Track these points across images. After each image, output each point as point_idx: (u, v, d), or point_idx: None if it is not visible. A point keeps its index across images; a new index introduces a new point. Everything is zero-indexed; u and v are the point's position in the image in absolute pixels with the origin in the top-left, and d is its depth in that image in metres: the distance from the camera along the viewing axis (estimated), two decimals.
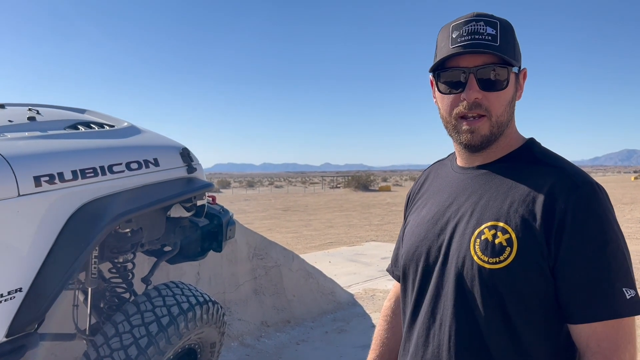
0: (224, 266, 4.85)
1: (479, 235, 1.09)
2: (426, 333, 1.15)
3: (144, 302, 2.54)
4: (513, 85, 1.14)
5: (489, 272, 1.05)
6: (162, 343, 2.43)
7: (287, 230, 15.76)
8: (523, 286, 1.04)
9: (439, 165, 1.36)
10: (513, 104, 1.16)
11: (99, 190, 2.30)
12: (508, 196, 1.10)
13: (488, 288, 1.06)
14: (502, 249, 1.05)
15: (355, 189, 47.43)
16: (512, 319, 1.05)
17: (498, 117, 1.12)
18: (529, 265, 1.03)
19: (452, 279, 1.11)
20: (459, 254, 1.11)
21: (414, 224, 1.27)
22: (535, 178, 1.10)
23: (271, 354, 4.40)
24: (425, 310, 1.17)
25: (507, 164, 1.17)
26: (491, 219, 1.09)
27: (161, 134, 3.02)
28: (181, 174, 2.77)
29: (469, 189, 1.18)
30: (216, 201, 3.37)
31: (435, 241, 1.17)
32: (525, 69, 1.20)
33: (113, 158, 2.42)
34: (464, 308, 1.09)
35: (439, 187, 1.28)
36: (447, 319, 1.11)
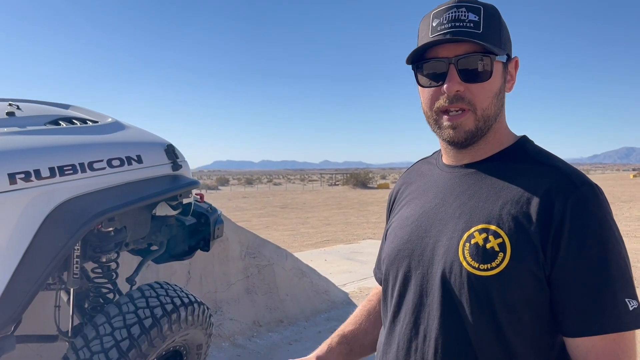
0: (216, 265, 4.77)
1: (469, 239, 0.99)
2: (407, 345, 1.05)
3: (126, 304, 2.46)
4: (500, 76, 1.05)
5: (480, 280, 0.96)
6: (145, 346, 2.36)
7: (285, 227, 15.69)
8: (516, 295, 0.95)
9: (424, 163, 1.27)
10: (501, 96, 1.06)
11: (77, 188, 2.23)
12: (500, 197, 1.01)
13: (478, 297, 0.97)
14: (494, 255, 0.96)
15: (354, 186, 47.38)
16: (505, 331, 0.96)
17: (484, 111, 1.03)
18: (523, 273, 0.95)
19: (437, 287, 1.02)
20: (446, 259, 1.01)
21: (396, 226, 1.18)
22: (530, 178, 1.01)
23: (263, 355, 4.33)
24: (407, 320, 1.07)
25: (499, 162, 1.08)
26: (482, 222, 1.00)
27: (147, 130, 2.94)
28: (166, 171, 2.70)
29: (456, 188, 1.09)
30: (204, 199, 3.29)
31: (419, 244, 1.08)
32: (516, 57, 1.11)
33: (93, 155, 2.34)
34: (451, 319, 1.00)
35: (424, 187, 1.18)
36: (433, 331, 1.01)
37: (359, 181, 48.40)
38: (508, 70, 1.08)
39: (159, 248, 3.02)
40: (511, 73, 1.09)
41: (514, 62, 1.10)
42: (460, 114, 1.03)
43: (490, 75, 1.02)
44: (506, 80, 1.08)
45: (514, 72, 1.10)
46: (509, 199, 1.00)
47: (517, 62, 1.10)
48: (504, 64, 1.06)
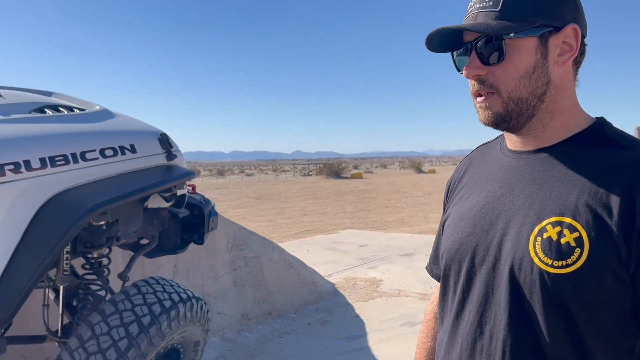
0: (202, 258, 4.65)
1: (541, 233, 0.90)
2: (472, 346, 0.98)
3: (122, 301, 2.34)
4: (531, 52, 0.95)
5: (554, 278, 0.87)
6: (144, 345, 2.24)
7: (261, 219, 15.56)
8: (593, 295, 0.87)
9: (486, 149, 1.17)
10: (539, 74, 0.96)
11: (71, 180, 2.09)
12: (575, 186, 0.91)
13: (551, 297, 0.88)
14: (570, 250, 0.87)
15: (327, 176, 47.40)
16: (581, 333, 0.88)
17: (510, 92, 0.95)
18: (602, 271, 0.85)
19: (505, 284, 0.93)
20: (515, 254, 0.92)
21: (457, 217, 1.08)
22: (610, 165, 0.91)
23: (254, 349, 4.24)
24: (471, 319, 0.99)
25: (573, 147, 0.97)
26: (555, 214, 0.90)
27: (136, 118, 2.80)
28: (160, 161, 2.57)
29: (525, 176, 0.99)
30: (196, 190, 3.16)
31: (484, 238, 0.99)
32: (570, 26, 0.96)
33: (86, 144, 2.20)
34: (521, 319, 0.92)
35: (488, 174, 1.08)
36: (500, 333, 0.94)
37: (333, 171, 48.44)
38: (550, 42, 0.96)
39: (151, 242, 2.89)
40: (569, 44, 0.97)
41: (567, 31, 0.96)
42: (487, 96, 0.98)
43: (502, 56, 0.95)
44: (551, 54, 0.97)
45: (574, 41, 0.97)
46: (586, 189, 0.90)
47: (574, 30, 0.96)
48: (540, 38, 0.95)
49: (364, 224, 13.06)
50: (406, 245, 8.98)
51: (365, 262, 7.44)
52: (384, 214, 15.81)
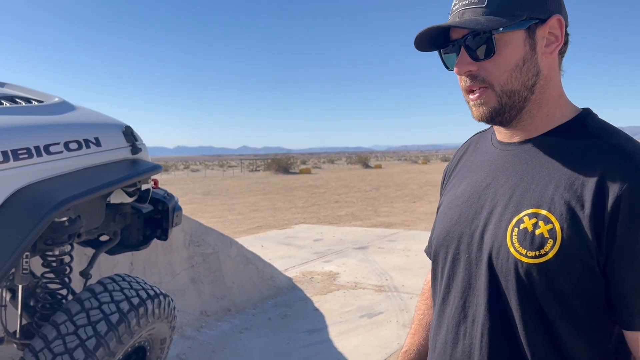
0: (159, 255, 4.55)
1: (518, 224, 0.94)
2: (456, 329, 1.03)
3: (88, 299, 2.26)
4: (520, 45, 0.97)
5: (527, 267, 0.91)
6: (113, 343, 2.18)
7: (211, 215, 15.33)
8: (565, 285, 0.90)
9: (480, 137, 1.20)
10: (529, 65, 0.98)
11: (35, 174, 2.00)
12: (553, 178, 0.94)
13: (524, 285, 0.92)
14: (543, 241, 0.90)
15: (276, 171, 47.23)
16: (552, 321, 0.92)
17: (503, 86, 0.97)
18: (573, 262, 0.89)
19: (484, 272, 0.98)
20: (494, 243, 0.97)
21: (447, 205, 1.13)
22: (587, 159, 0.93)
23: (214, 345, 4.19)
24: (456, 304, 1.04)
25: (555, 139, 1.00)
26: (532, 206, 0.94)
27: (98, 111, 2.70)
28: (125, 154, 2.50)
29: (509, 168, 1.02)
30: (159, 185, 3.09)
31: (468, 227, 1.03)
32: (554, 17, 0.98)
33: (49, 137, 2.12)
34: (498, 305, 0.96)
35: (478, 164, 1.12)
36: (480, 316, 0.98)
37: (281, 166, 48.29)
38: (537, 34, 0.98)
39: (113, 238, 2.81)
40: (554, 34, 0.99)
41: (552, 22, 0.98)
42: (481, 92, 0.99)
43: (493, 50, 0.97)
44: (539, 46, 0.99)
45: (559, 31, 0.99)
46: (562, 181, 0.93)
47: (559, 21, 0.99)
48: (527, 30, 0.98)
49: (316, 219, 13.12)
50: (359, 238, 9.09)
51: (321, 256, 7.49)
52: (334, 208, 15.93)
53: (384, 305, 5.18)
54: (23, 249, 1.89)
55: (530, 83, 0.99)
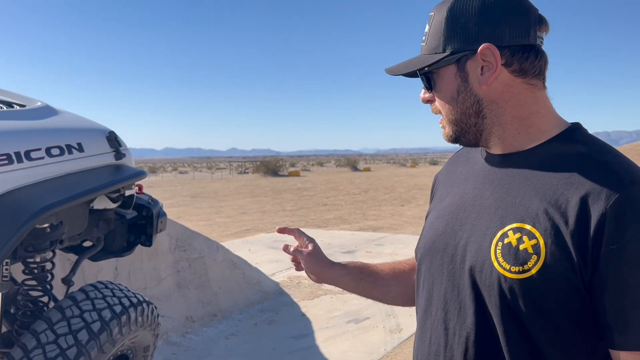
0: (144, 260, 4.51)
1: (502, 238, 0.93)
2: (438, 341, 1.03)
3: (69, 307, 2.22)
4: (452, 78, 1.00)
5: (511, 282, 0.90)
6: (94, 352, 2.14)
7: (198, 217, 15.26)
8: (549, 301, 0.88)
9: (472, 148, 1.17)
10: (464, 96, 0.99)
11: (15, 180, 1.96)
12: (538, 193, 0.93)
13: (507, 300, 0.91)
14: (527, 257, 0.89)
15: (265, 174, 47.14)
16: (535, 336, 0.91)
17: (447, 115, 1.04)
18: (557, 278, 0.87)
19: (467, 285, 0.97)
20: (477, 257, 0.96)
21: (434, 215, 1.13)
22: (572, 174, 0.92)
23: (200, 351, 4.16)
24: (438, 315, 1.04)
25: (541, 154, 0.98)
26: (517, 220, 0.93)
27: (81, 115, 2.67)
28: (109, 160, 2.46)
29: (495, 181, 1.02)
30: (143, 190, 3.06)
31: (453, 238, 1.03)
32: (483, 46, 0.95)
33: (30, 142, 2.08)
34: (481, 319, 0.95)
35: (466, 174, 1.12)
36: (464, 329, 0.98)
37: (270, 169, 48.21)
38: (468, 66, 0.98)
39: (96, 244, 2.77)
40: (489, 61, 0.96)
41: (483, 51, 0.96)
42: (441, 118, 1.07)
43: (432, 86, 1.04)
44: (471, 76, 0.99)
45: (492, 58, 0.96)
46: (547, 196, 0.91)
47: (489, 49, 0.95)
48: (457, 63, 0.99)
49: (304, 222, 13.10)
50: (347, 242, 9.09)
51: None
52: (322, 211, 15.93)
53: (371, 310, 5.17)
54: (2, 256, 1.85)
55: (472, 111, 1.01)
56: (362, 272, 1.34)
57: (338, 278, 1.33)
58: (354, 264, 1.36)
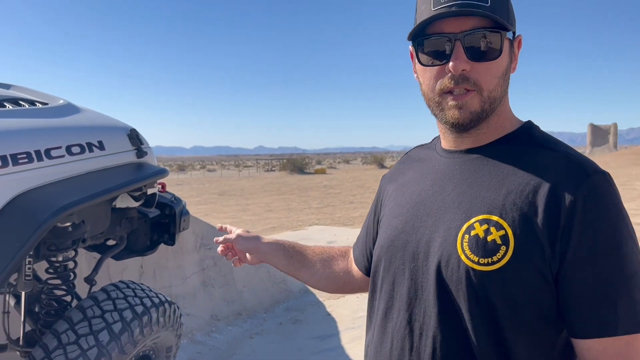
0: (170, 258, 4.50)
1: (468, 231, 0.91)
2: (401, 344, 0.98)
3: (90, 307, 2.20)
4: (507, 55, 0.97)
5: (480, 275, 0.89)
6: (115, 353, 2.12)
7: (225, 215, 15.34)
8: (518, 292, 0.88)
9: (422, 149, 1.19)
10: (507, 76, 0.98)
11: (35, 179, 1.94)
12: (504, 185, 0.93)
13: (477, 293, 0.89)
14: (496, 248, 0.88)
15: (291, 172, 47.24)
16: (503, 328, 0.89)
17: (490, 92, 0.95)
18: (527, 268, 0.87)
19: (433, 281, 0.94)
20: (443, 251, 0.93)
21: (390, 214, 1.10)
22: (537, 165, 0.93)
23: (224, 350, 4.13)
24: (401, 316, 0.99)
25: (503, 147, 0.99)
26: (483, 212, 0.92)
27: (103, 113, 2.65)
28: (130, 158, 2.43)
29: (457, 175, 1.00)
30: (166, 189, 3.03)
31: (414, 235, 1.00)
32: (520, 35, 1.01)
33: (51, 141, 2.06)
34: (449, 315, 0.92)
35: (421, 172, 1.09)
36: (430, 329, 0.94)
37: (296, 167, 48.31)
38: (514, 47, 1.00)
39: (120, 243, 2.75)
40: (515, 52, 1.01)
41: (518, 40, 1.01)
42: (465, 94, 0.95)
43: (500, 53, 0.94)
44: (512, 59, 1.00)
45: (517, 51, 1.01)
46: (513, 188, 0.91)
47: (520, 41, 1.02)
48: (510, 42, 0.98)
49: (330, 220, 13.04)
50: None
51: None
52: (349, 209, 15.83)
53: None
54: (22, 256, 1.83)
55: (503, 94, 0.99)
56: (294, 250, 1.36)
57: (271, 252, 1.35)
58: (287, 242, 1.39)
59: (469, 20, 0.92)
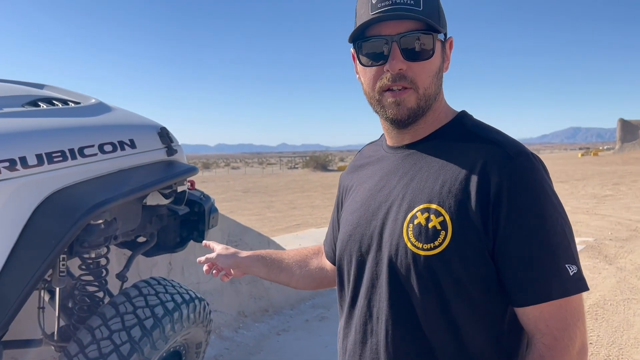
0: (198, 255, 4.51)
1: (412, 220, 1.00)
2: (363, 329, 1.07)
3: (123, 303, 2.23)
4: (439, 55, 1.05)
5: (424, 259, 0.97)
6: (147, 349, 2.14)
7: (250, 212, 15.43)
8: (461, 272, 0.96)
9: (371, 146, 1.28)
10: (440, 75, 1.07)
11: (68, 177, 1.98)
12: (440, 175, 1.02)
13: (423, 276, 0.98)
14: (436, 233, 0.97)
15: (314, 169, 47.28)
16: (452, 308, 0.97)
17: (425, 90, 1.03)
18: (466, 249, 0.96)
19: (385, 269, 1.03)
20: (392, 241, 1.02)
21: (347, 211, 1.19)
22: (468, 154, 1.02)
23: (252, 347, 4.15)
24: (362, 304, 1.08)
25: (437, 140, 1.08)
26: (423, 201, 1.01)
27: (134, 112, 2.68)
28: (160, 156, 2.46)
29: (399, 170, 1.10)
30: (195, 186, 3.06)
31: (368, 228, 1.09)
32: (451, 37, 1.10)
33: (84, 139, 2.09)
34: (400, 300, 1.01)
35: (372, 170, 1.19)
36: (383, 313, 1.03)
37: (319, 164, 48.33)
38: (445, 48, 1.08)
39: (149, 240, 2.79)
40: (447, 53, 1.09)
41: (449, 42, 1.09)
42: (402, 91, 1.02)
43: (432, 53, 1.02)
44: (444, 59, 1.08)
45: (449, 51, 1.10)
46: (448, 177, 1.00)
47: (451, 42, 1.10)
48: (442, 43, 1.06)
49: None
50: None
51: None
52: None
53: None
54: (57, 252, 1.87)
55: (438, 91, 1.07)
56: (271, 258, 1.44)
57: (251, 264, 1.43)
58: (264, 252, 1.47)
59: (404, 24, 0.99)
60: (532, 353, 0.97)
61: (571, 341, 0.94)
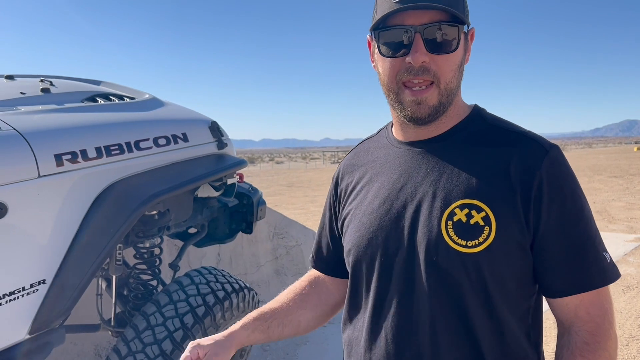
0: (245, 246, 4.63)
1: (450, 217, 0.95)
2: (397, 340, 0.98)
3: (176, 291, 2.31)
4: (463, 47, 1.00)
5: (469, 257, 0.93)
6: (199, 336, 2.21)
7: (294, 206, 15.56)
8: (505, 267, 0.94)
9: (371, 142, 1.19)
10: (462, 68, 1.02)
11: (126, 169, 2.06)
12: (473, 169, 0.98)
13: (469, 275, 0.94)
14: (479, 229, 0.93)
15: None
16: (494, 305, 0.95)
17: (447, 84, 0.98)
18: (510, 243, 0.94)
19: (424, 270, 0.96)
20: (429, 240, 0.96)
21: (360, 213, 1.07)
22: (499, 146, 0.99)
23: (298, 338, 4.20)
24: (394, 310, 0.99)
25: (460, 134, 1.04)
26: (460, 197, 0.96)
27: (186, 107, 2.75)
28: (211, 150, 2.53)
29: (423, 165, 1.03)
30: (244, 179, 3.12)
31: (394, 229, 1.00)
32: (473, 28, 1.04)
33: (139, 133, 2.17)
34: (444, 301, 0.96)
35: (382, 167, 1.09)
36: (427, 317, 0.96)
37: None
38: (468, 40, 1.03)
39: (201, 231, 2.87)
40: (469, 45, 1.04)
41: (471, 33, 1.04)
42: (424, 89, 0.97)
43: (457, 45, 0.97)
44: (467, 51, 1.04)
45: (470, 43, 1.05)
46: (483, 170, 0.97)
47: (473, 34, 1.05)
48: (465, 35, 1.01)
49: None
50: None
51: None
52: None
53: None
54: (115, 241, 1.95)
55: (459, 85, 1.02)
56: (265, 320, 1.18)
57: (246, 339, 1.16)
58: (252, 317, 1.18)
59: (428, 14, 0.94)
60: (573, 341, 0.94)
61: (610, 325, 0.95)
